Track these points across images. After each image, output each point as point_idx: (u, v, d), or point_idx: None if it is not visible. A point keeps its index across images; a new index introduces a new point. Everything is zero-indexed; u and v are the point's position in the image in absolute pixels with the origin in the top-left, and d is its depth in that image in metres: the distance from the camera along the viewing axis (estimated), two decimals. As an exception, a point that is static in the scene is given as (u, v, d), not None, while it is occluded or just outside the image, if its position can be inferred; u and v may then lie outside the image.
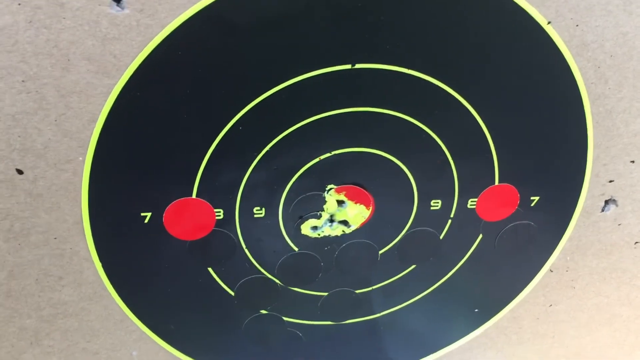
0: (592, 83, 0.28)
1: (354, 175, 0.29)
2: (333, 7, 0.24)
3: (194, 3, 0.23)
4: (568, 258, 0.34)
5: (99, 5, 0.23)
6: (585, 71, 0.28)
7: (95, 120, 0.25)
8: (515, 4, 0.25)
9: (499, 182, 0.30)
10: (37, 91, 0.24)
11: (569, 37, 0.27)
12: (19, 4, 0.22)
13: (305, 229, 0.30)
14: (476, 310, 0.35)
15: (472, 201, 0.31)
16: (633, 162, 0.31)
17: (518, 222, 0.32)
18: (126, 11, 0.23)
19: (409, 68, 0.26)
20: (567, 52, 0.27)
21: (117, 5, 0.23)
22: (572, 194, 0.32)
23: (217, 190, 0.28)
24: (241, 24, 0.24)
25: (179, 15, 0.23)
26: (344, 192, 0.29)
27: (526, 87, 0.28)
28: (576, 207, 0.32)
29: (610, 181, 0.31)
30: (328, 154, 0.28)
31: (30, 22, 0.22)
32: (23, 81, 0.24)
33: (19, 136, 0.25)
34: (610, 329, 0.38)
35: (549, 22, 0.26)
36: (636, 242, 0.34)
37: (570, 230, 0.33)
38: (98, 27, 0.23)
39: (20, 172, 0.26)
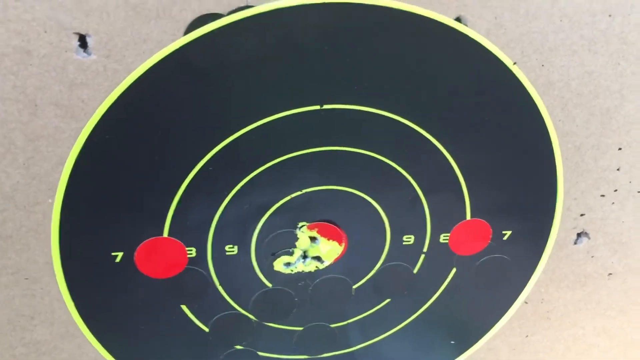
0: (559, 120, 0.28)
1: (326, 213, 0.29)
2: (299, 50, 0.25)
3: (161, 49, 0.23)
4: (542, 290, 0.34)
5: (66, 51, 0.23)
6: (553, 109, 0.28)
7: (63, 163, 0.25)
8: (481, 45, 0.26)
9: (471, 216, 0.31)
10: (5, 136, 0.24)
11: (534, 77, 0.27)
12: (-15, 52, 0.22)
13: (279, 265, 0.30)
14: (452, 342, 0.35)
15: (444, 236, 0.31)
16: (603, 196, 0.31)
17: (491, 256, 0.32)
18: (93, 57, 0.23)
19: (377, 108, 0.27)
20: (534, 91, 0.27)
21: (84, 52, 0.23)
22: (544, 227, 0.32)
23: (189, 229, 0.28)
24: (207, 68, 0.24)
25: (146, 61, 0.24)
26: (316, 229, 0.29)
27: (495, 125, 0.28)
28: (548, 240, 0.32)
29: (582, 215, 0.32)
30: (299, 192, 0.28)
31: (-3, 69, 0.23)
32: (-10, 126, 0.24)
33: (-13, 179, 0.25)
34: (589, 359, 0.39)
35: (514, 63, 0.26)
36: (610, 274, 0.35)
37: (543, 262, 0.33)
38: (65, 72, 0.23)
39: (-11, 214, 0.26)
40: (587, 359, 0.38)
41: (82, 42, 0.23)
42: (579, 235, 0.33)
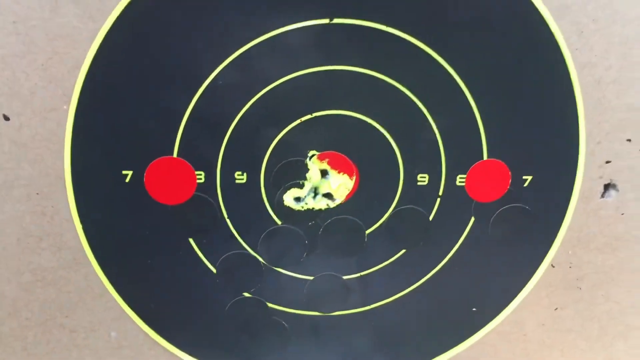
0: (576, 49, 0.28)
1: (336, 142, 0.29)
2: (309, -40, 0.25)
3: (175, -51, 0.25)
4: (570, 252, 0.32)
5: (86, -52, 0.24)
6: (569, 36, 0.28)
7: (79, 67, 0.26)
8: (491, -38, 0.26)
9: (488, 157, 0.30)
10: (26, 33, 0.25)
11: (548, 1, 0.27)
12: (13, -56, 0.24)
13: (288, 199, 0.30)
14: (474, 309, 0.33)
15: (461, 177, 0.30)
16: (629, 140, 0.30)
17: (512, 205, 0.31)
18: (111, -45, 0.24)
19: (390, 26, 0.27)
20: (548, 14, 0.27)
21: (103, -50, 0.24)
22: (567, 174, 0.30)
23: (198, 151, 0.28)
24: (220, -28, 0.25)
25: (161, -39, 0.25)
26: (327, 160, 0.29)
27: (510, 53, 0.28)
28: (573, 190, 0.31)
29: (607, 162, 0.30)
30: (309, 116, 0.28)
31: (22, -38, 0.24)
32: (14, 22, 0.25)
33: (7, 79, 0.26)
34: (626, 345, 0.35)
35: (526, -18, 0.26)
36: (644, 237, 0.32)
37: (569, 217, 0.31)
38: (85, -30, 0.25)
39: (7, 118, 0.27)
40: (625, 345, 0.35)
41: (102, -61, 0.24)
42: (606, 187, 0.31)
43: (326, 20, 0.26)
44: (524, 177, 0.30)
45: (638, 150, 0.30)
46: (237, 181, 0.29)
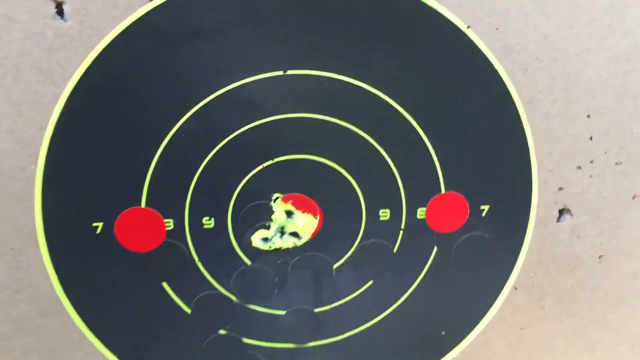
0: (522, 86, 0.29)
1: (299, 184, 0.30)
2: (263, 15, 0.26)
3: (130, 14, 0.26)
4: (531, 274, 0.34)
5: (44, 18, 0.25)
6: (514, 74, 0.29)
7: (44, 128, 0.27)
8: (433, 9, 0.27)
9: (446, 189, 0.31)
10: (-9, 100, 0.26)
11: (491, 41, 0.28)
12: (-27, 18, 0.25)
13: (256, 240, 0.31)
14: (443, 332, 0.34)
15: (421, 210, 0.31)
16: (580, 167, 0.31)
17: (472, 234, 0.32)
18: (69, 23, 0.26)
19: (337, 74, 0.28)
20: (492, 55, 0.28)
21: (61, 18, 0.25)
22: (522, 202, 0.32)
23: (166, 199, 0.29)
24: (174, 33, 0.26)
25: (117, 26, 0.26)
26: (291, 201, 0.30)
27: (457, 92, 0.29)
28: (529, 216, 0.32)
29: (560, 188, 0.32)
30: (271, 161, 0.29)
31: (-17, 34, 0.25)
32: (-22, 91, 0.26)
33: (-25, 144, 0.27)
34: (592, 358, 0.37)
35: (468, 27, 0.28)
36: (600, 256, 0.34)
37: (527, 242, 0.33)
38: (44, 38, 0.26)
39: (-23, 180, 0.28)
40: (590, 356, 0.37)
41: (59, 9, 0.25)
42: (560, 212, 0.32)
43: (280, 72, 0.28)
44: (482, 207, 0.32)
45: (588, 176, 0.31)
46: (205, 226, 0.30)
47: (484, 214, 0.32)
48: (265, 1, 0.26)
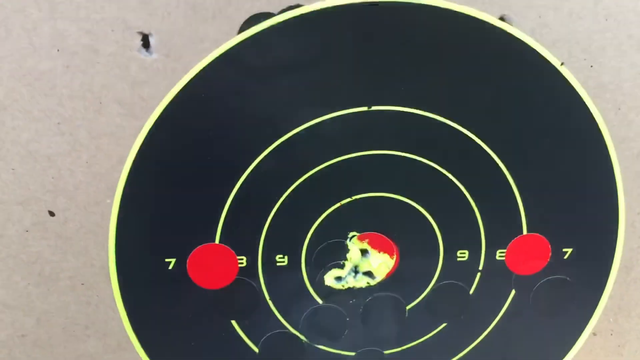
0: (614, 126, 0.28)
1: (376, 222, 0.29)
2: (348, 50, 0.26)
3: (216, 47, 0.25)
4: (611, 320, 0.32)
5: (130, 50, 0.25)
6: (606, 113, 0.28)
7: (123, 162, 0.26)
8: (527, 45, 0.26)
9: (528, 231, 0.30)
10: (70, 133, 0.26)
11: (584, 79, 0.27)
12: (58, 50, 0.24)
13: (329, 279, 0.30)
14: (516, 378, 0.33)
15: (500, 252, 0.30)
16: (670, 210, 0.30)
17: (552, 277, 0.31)
18: (154, 56, 0.25)
19: (424, 110, 0.27)
20: (585, 93, 0.27)
21: (146, 51, 0.25)
22: (607, 245, 0.30)
23: (240, 236, 0.28)
24: (259, 67, 0.25)
25: (202, 59, 0.25)
26: (367, 240, 0.29)
27: (546, 131, 0.28)
28: (613, 260, 0.31)
29: (648, 232, 0.30)
30: (349, 199, 0.28)
31: (68, 67, 0.25)
32: (58, 123, 0.25)
33: (53, 177, 0.26)
34: (671, 408, 0.35)
35: (562, 64, 0.27)
36: (686, 303, 0.32)
37: (610, 286, 0.31)
38: (128, 71, 0.25)
39: (52, 214, 0.27)
40: (669, 407, 0.35)
41: (145, 41, 0.25)
42: (646, 256, 0.31)
43: (365, 108, 0.27)
44: (564, 250, 0.30)
45: (678, 219, 0.30)
46: (278, 264, 0.29)
47: (566, 257, 0.30)
48: (351, 36, 0.26)
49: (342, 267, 0.30)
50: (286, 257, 0.29)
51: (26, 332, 0.29)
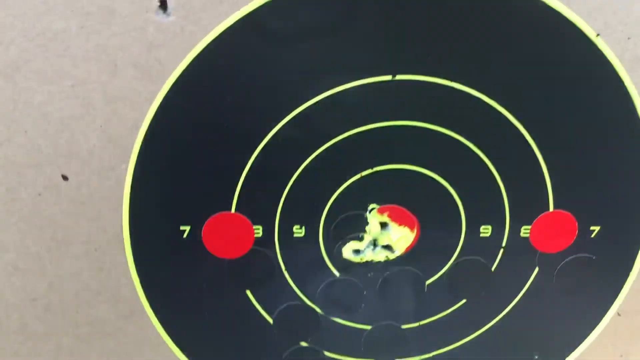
0: (651, 100, 0.27)
1: (397, 195, 0.28)
2: (373, 16, 0.24)
3: (236, 10, 0.24)
4: (638, 299, 0.31)
5: (146, 12, 0.24)
6: (642, 87, 0.26)
7: (138, 127, 0.26)
8: (561, 15, 0.25)
9: (554, 208, 0.28)
10: (84, 96, 0.25)
11: (620, 51, 0.26)
12: (72, 11, 0.23)
13: (347, 252, 0.29)
14: (536, 356, 0.32)
15: (525, 229, 0.29)
16: None
17: (578, 255, 0.30)
18: (172, 18, 0.24)
19: (451, 80, 0.26)
20: (620, 66, 0.26)
21: (164, 13, 0.24)
22: (635, 223, 0.29)
23: (256, 206, 0.28)
24: (280, 31, 0.24)
25: (221, 23, 0.24)
26: (387, 213, 0.28)
27: (578, 104, 0.27)
28: (642, 240, 0.30)
29: (680, 212, 0.29)
30: (370, 170, 0.27)
31: (82, 27, 0.24)
32: (72, 85, 0.25)
33: (66, 141, 0.26)
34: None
35: (597, 35, 0.25)
36: None
37: (637, 267, 0.30)
38: (144, 33, 0.24)
39: (65, 178, 0.26)
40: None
41: (162, 2, 0.24)
42: (677, 236, 0.30)
43: (389, 77, 0.25)
44: (592, 228, 0.29)
45: None
46: (295, 235, 0.28)
47: (593, 235, 0.29)
48: (376, 0, 0.24)
49: (360, 239, 0.29)
50: (303, 228, 0.28)
51: (37, 296, 0.29)
